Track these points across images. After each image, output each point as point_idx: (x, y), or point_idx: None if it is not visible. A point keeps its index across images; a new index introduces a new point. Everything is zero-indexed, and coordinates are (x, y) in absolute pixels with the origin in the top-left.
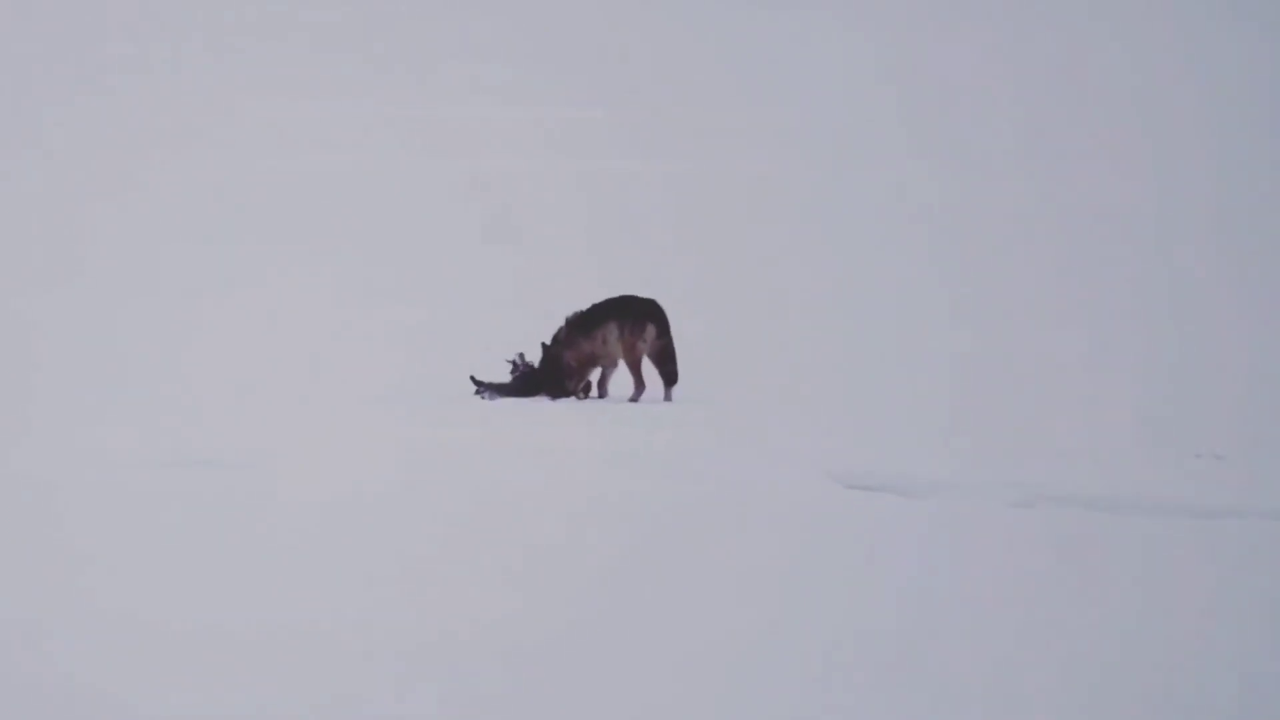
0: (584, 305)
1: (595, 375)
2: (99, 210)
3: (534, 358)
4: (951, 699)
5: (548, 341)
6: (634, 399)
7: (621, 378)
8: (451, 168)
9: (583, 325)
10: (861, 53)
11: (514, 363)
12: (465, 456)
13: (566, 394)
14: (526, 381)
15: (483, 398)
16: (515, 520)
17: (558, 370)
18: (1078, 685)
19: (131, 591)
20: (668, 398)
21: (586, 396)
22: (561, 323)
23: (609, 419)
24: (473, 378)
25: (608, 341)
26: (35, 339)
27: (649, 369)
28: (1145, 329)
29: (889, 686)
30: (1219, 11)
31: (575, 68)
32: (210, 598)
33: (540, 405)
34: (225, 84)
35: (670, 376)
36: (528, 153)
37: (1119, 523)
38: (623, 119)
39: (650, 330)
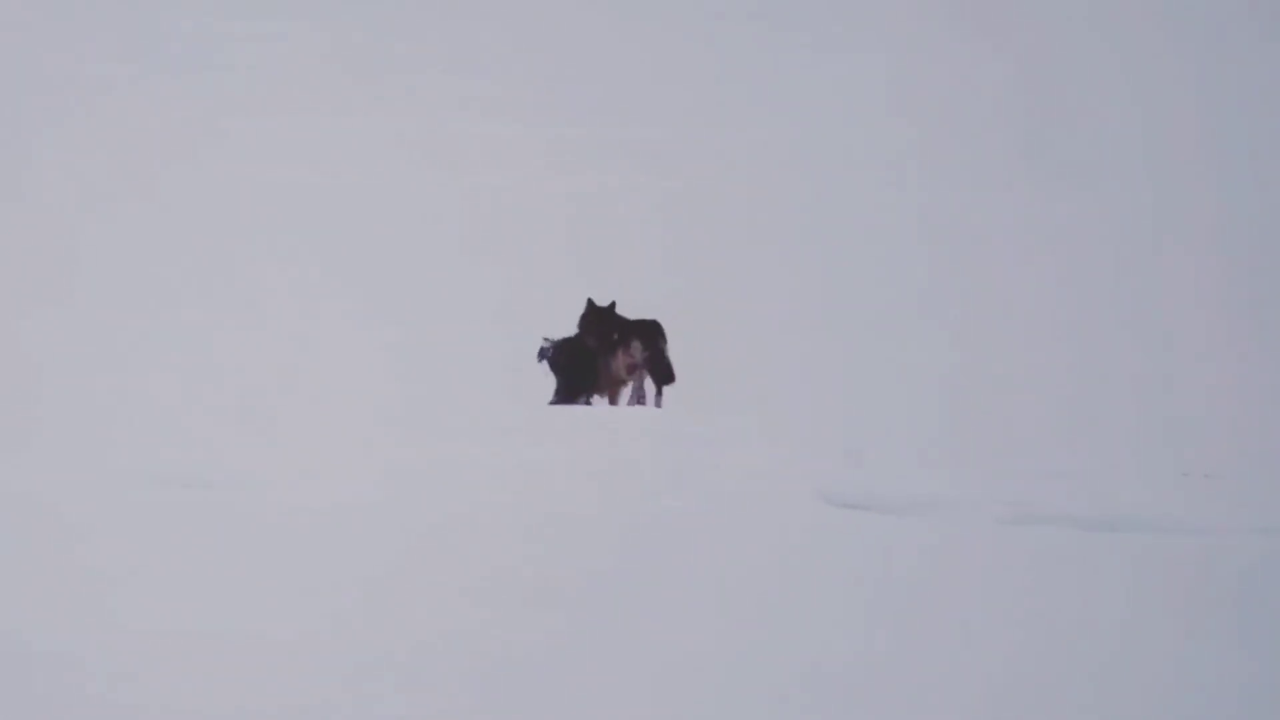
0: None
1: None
2: (91, 227)
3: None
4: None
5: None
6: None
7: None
8: (440, 183)
9: None
10: (854, 70)
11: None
12: (448, 471)
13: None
14: None
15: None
16: (490, 535)
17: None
18: (1067, 705)
19: (121, 604)
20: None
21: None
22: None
23: (592, 430)
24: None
25: None
26: (29, 355)
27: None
28: (1134, 346)
29: (876, 708)
30: (1222, 23)
31: (568, 83)
32: (194, 611)
33: (524, 416)
34: (214, 100)
35: None
36: (518, 169)
37: (1108, 541)
38: (614, 136)
39: None
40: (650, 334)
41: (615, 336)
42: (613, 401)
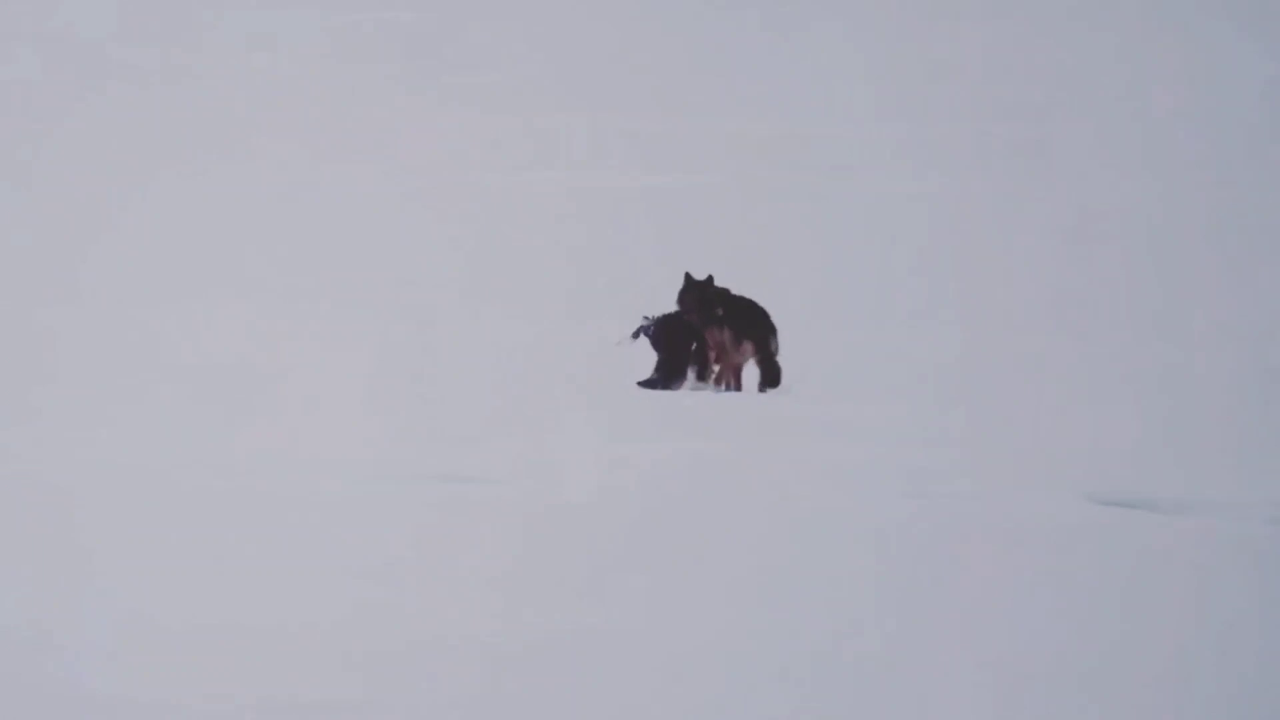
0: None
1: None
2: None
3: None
4: None
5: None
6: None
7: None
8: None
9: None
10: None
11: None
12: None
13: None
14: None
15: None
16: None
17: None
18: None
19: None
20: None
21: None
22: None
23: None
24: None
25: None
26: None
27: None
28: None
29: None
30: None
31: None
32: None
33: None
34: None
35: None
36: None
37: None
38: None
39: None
40: (762, 334)
41: (719, 312)
42: (727, 386)
